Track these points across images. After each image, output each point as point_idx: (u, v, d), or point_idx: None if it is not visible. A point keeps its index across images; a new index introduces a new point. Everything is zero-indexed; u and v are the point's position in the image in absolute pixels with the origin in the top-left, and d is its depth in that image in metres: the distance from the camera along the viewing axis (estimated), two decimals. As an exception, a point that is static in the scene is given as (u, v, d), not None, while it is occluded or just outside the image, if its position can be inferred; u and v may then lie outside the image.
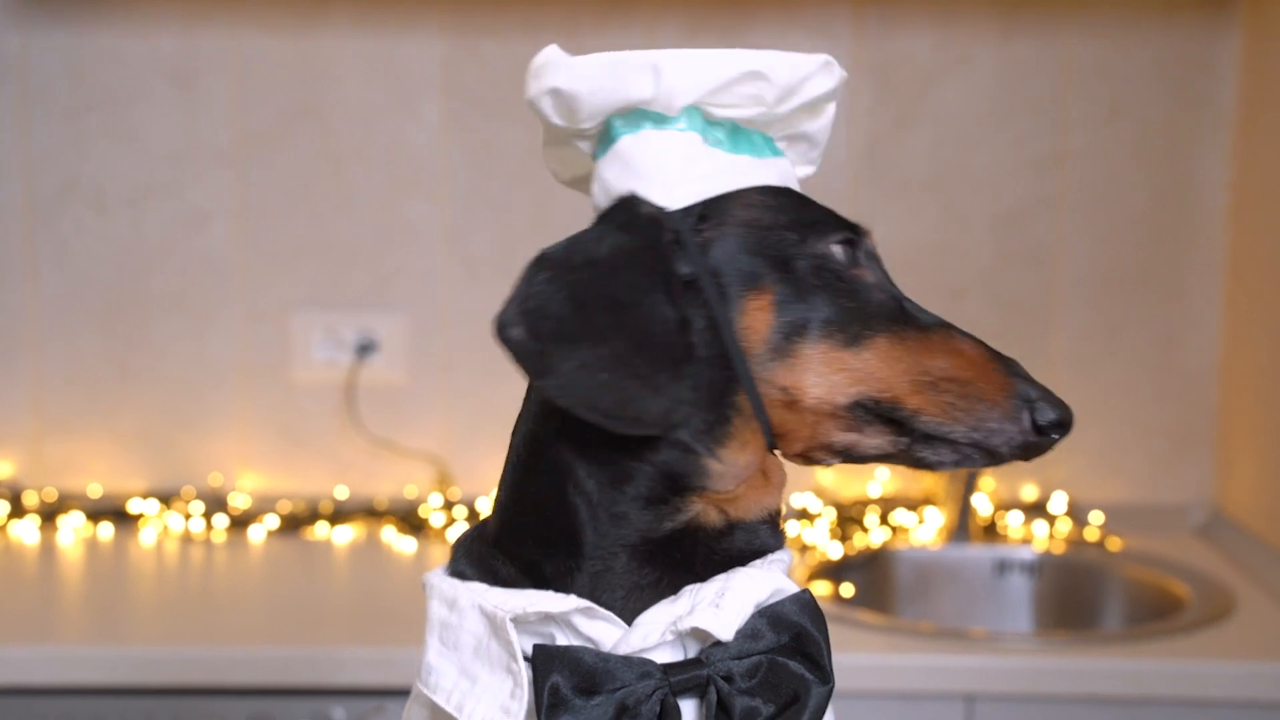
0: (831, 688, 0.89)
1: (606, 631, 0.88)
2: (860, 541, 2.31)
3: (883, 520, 2.36)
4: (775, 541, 0.94)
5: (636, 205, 0.90)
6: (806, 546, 2.27)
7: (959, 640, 1.90)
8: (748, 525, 0.92)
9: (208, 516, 2.37)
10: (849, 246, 0.92)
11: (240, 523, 2.37)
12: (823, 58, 0.95)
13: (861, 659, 1.83)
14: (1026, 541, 2.33)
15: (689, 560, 0.91)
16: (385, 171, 2.42)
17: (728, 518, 0.92)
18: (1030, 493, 2.44)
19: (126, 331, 2.44)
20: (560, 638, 0.88)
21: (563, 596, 0.88)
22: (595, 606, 0.88)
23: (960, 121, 2.40)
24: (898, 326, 0.90)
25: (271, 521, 2.37)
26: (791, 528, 2.31)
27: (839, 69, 0.96)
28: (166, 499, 2.41)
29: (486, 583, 0.92)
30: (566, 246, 0.89)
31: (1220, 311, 2.42)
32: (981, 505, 2.36)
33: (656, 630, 0.88)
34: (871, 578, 2.26)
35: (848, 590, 2.19)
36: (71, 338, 2.43)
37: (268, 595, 2.11)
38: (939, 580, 2.30)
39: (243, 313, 2.44)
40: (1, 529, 2.36)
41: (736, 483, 0.91)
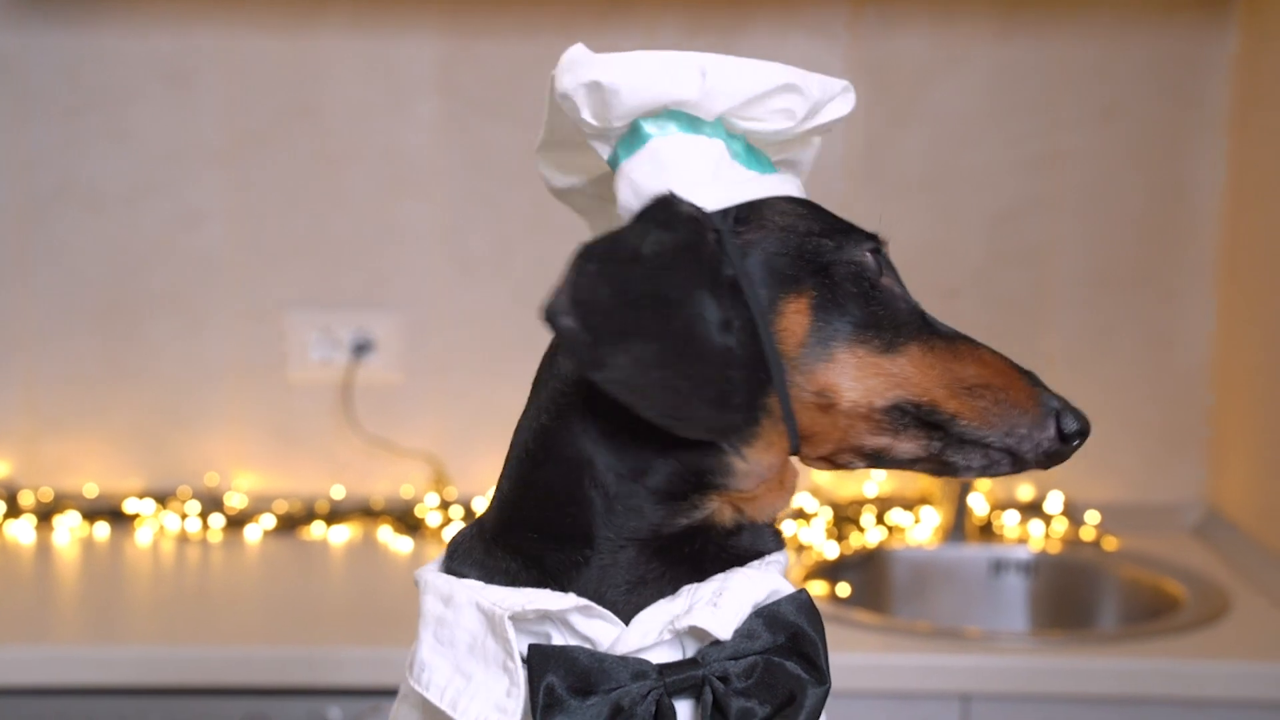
0: (828, 688, 0.89)
1: (604, 630, 0.88)
2: (856, 541, 2.31)
3: (879, 520, 2.37)
4: (775, 544, 0.95)
5: (676, 204, 0.90)
6: (803, 546, 2.27)
7: (955, 640, 1.90)
8: (756, 526, 0.93)
9: (204, 516, 2.37)
10: (876, 255, 0.94)
11: (236, 522, 2.36)
12: (844, 82, 0.97)
13: (857, 658, 1.84)
14: (1022, 541, 2.33)
15: (697, 557, 0.91)
16: (381, 171, 2.42)
17: (741, 517, 0.92)
18: (1026, 493, 2.45)
19: (122, 331, 2.43)
20: (556, 636, 0.88)
21: (561, 595, 0.89)
22: (593, 605, 0.88)
23: (955, 121, 2.40)
24: (925, 335, 0.92)
25: (267, 521, 2.37)
26: (788, 527, 2.31)
27: (853, 96, 0.98)
28: (162, 499, 2.41)
29: (484, 580, 0.92)
30: (610, 241, 0.88)
31: (1214, 311, 2.42)
32: (977, 505, 2.37)
33: (654, 629, 0.88)
34: (868, 577, 2.27)
35: (844, 590, 2.19)
36: (67, 337, 2.43)
37: (264, 595, 2.11)
38: (935, 580, 2.30)
39: (238, 312, 2.43)
40: (-3, 529, 2.36)
41: (758, 483, 0.92)
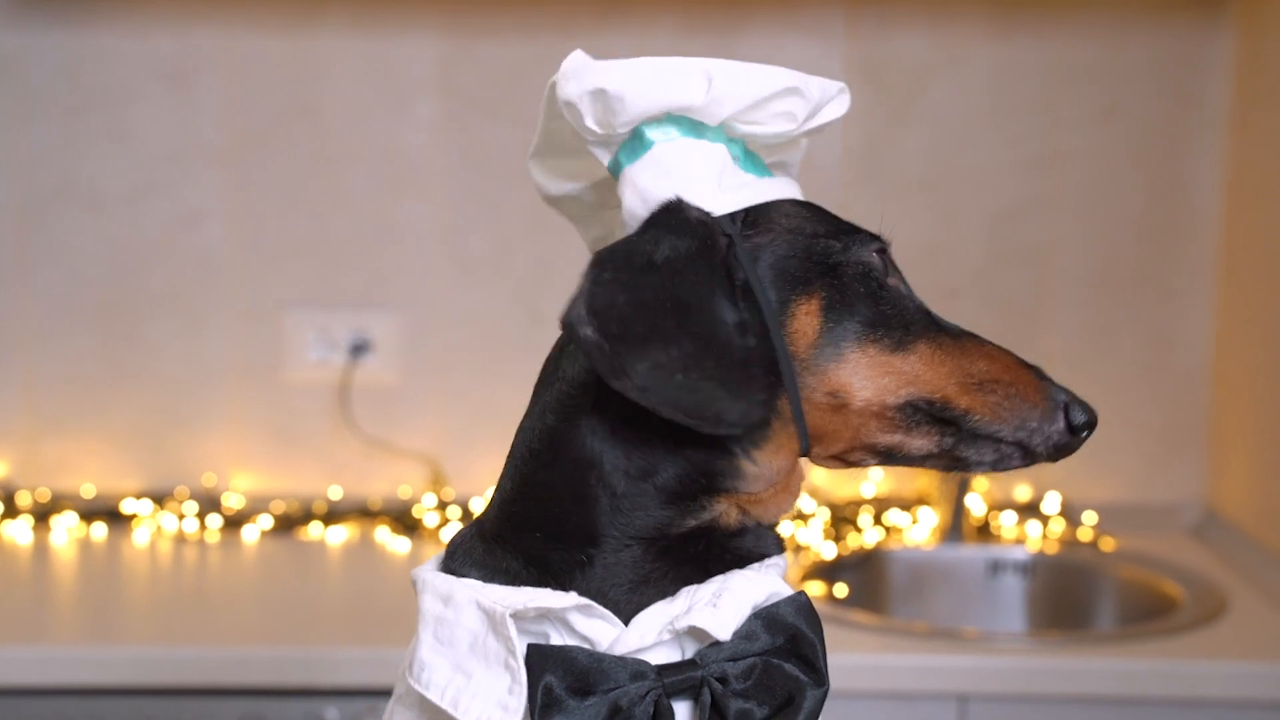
0: (826, 690, 0.89)
1: (603, 630, 0.88)
2: (854, 542, 2.31)
3: (876, 520, 2.37)
4: (776, 548, 0.95)
5: (685, 209, 0.91)
6: (801, 547, 2.27)
7: (952, 640, 1.90)
8: (759, 528, 0.94)
9: (201, 517, 2.36)
10: (882, 256, 0.95)
11: (234, 523, 2.36)
12: (840, 84, 0.97)
13: (855, 659, 1.84)
14: (1020, 542, 2.33)
15: (701, 558, 0.91)
16: (381, 171, 2.41)
17: (746, 519, 0.93)
18: (1024, 493, 2.45)
19: (121, 331, 2.43)
20: (555, 636, 0.88)
21: (561, 594, 0.89)
22: (594, 605, 0.88)
23: (954, 121, 2.40)
24: (933, 332, 0.93)
25: (265, 522, 2.37)
26: (785, 528, 2.31)
27: (849, 97, 0.98)
28: (160, 499, 2.41)
29: (483, 579, 0.92)
30: (624, 249, 0.89)
31: (1213, 311, 2.42)
32: (975, 505, 2.37)
33: (653, 630, 0.88)
34: (865, 578, 2.27)
35: (841, 590, 2.19)
36: (66, 337, 2.43)
37: (261, 595, 2.11)
38: (933, 580, 2.30)
39: (237, 312, 2.43)
40: (-5, 529, 2.36)
41: (766, 485, 0.92)
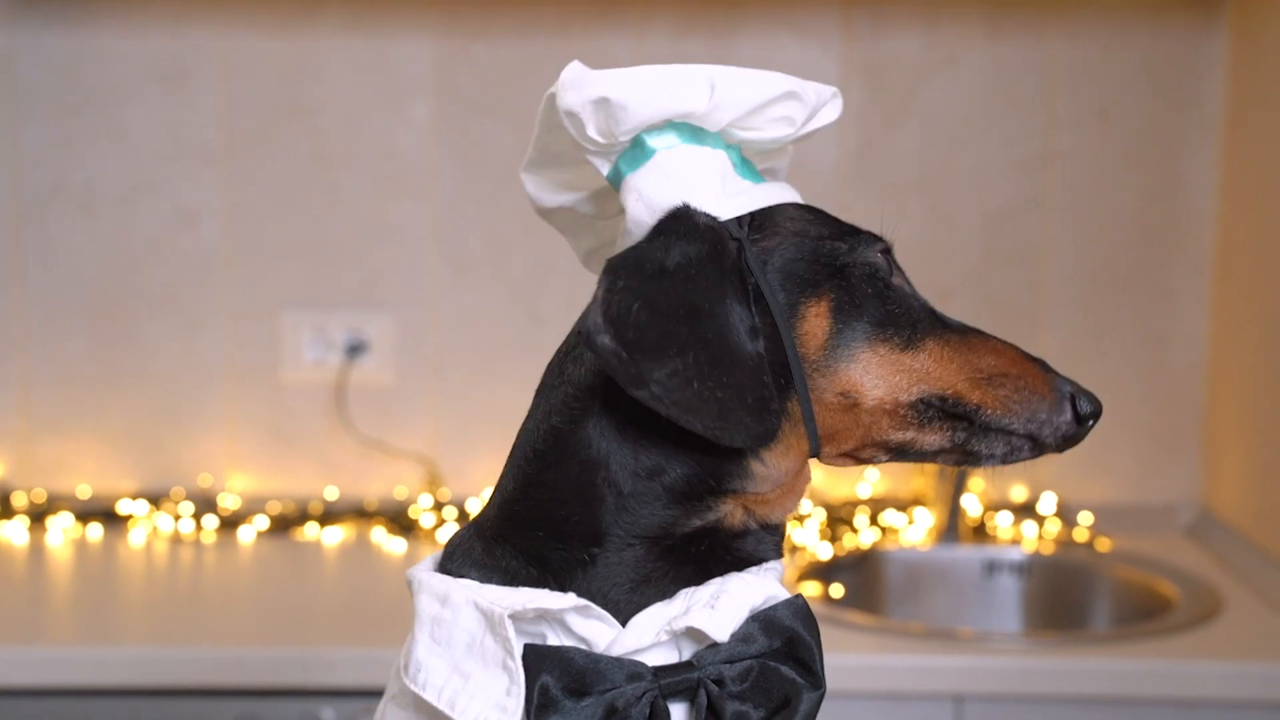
0: (823, 693, 0.90)
1: (600, 631, 0.88)
2: (850, 542, 2.31)
3: (872, 521, 2.37)
4: (774, 552, 0.95)
5: (693, 215, 0.91)
6: (796, 547, 2.27)
7: (948, 641, 1.90)
8: (761, 531, 0.94)
9: (197, 517, 2.36)
10: (886, 256, 0.95)
11: (230, 523, 2.36)
12: (833, 88, 0.98)
13: (851, 659, 1.84)
14: (1015, 542, 2.33)
15: (703, 558, 0.92)
16: (377, 172, 2.41)
17: (751, 520, 0.93)
18: (1019, 493, 2.45)
19: (115, 332, 2.43)
20: (551, 637, 0.88)
21: (559, 594, 0.89)
22: (591, 605, 0.88)
23: (948, 122, 2.41)
24: (939, 330, 0.94)
25: (261, 522, 2.36)
26: (781, 528, 2.31)
27: (841, 101, 0.99)
28: (156, 500, 2.41)
29: (481, 579, 0.92)
30: (634, 256, 0.89)
31: (1208, 312, 2.42)
32: (971, 506, 2.37)
33: (650, 631, 0.88)
34: (861, 578, 2.27)
35: (837, 591, 2.19)
36: (60, 338, 2.43)
37: (257, 596, 2.11)
38: (928, 581, 2.30)
39: (232, 313, 2.43)
40: (-10, 530, 2.36)
41: (774, 486, 0.92)
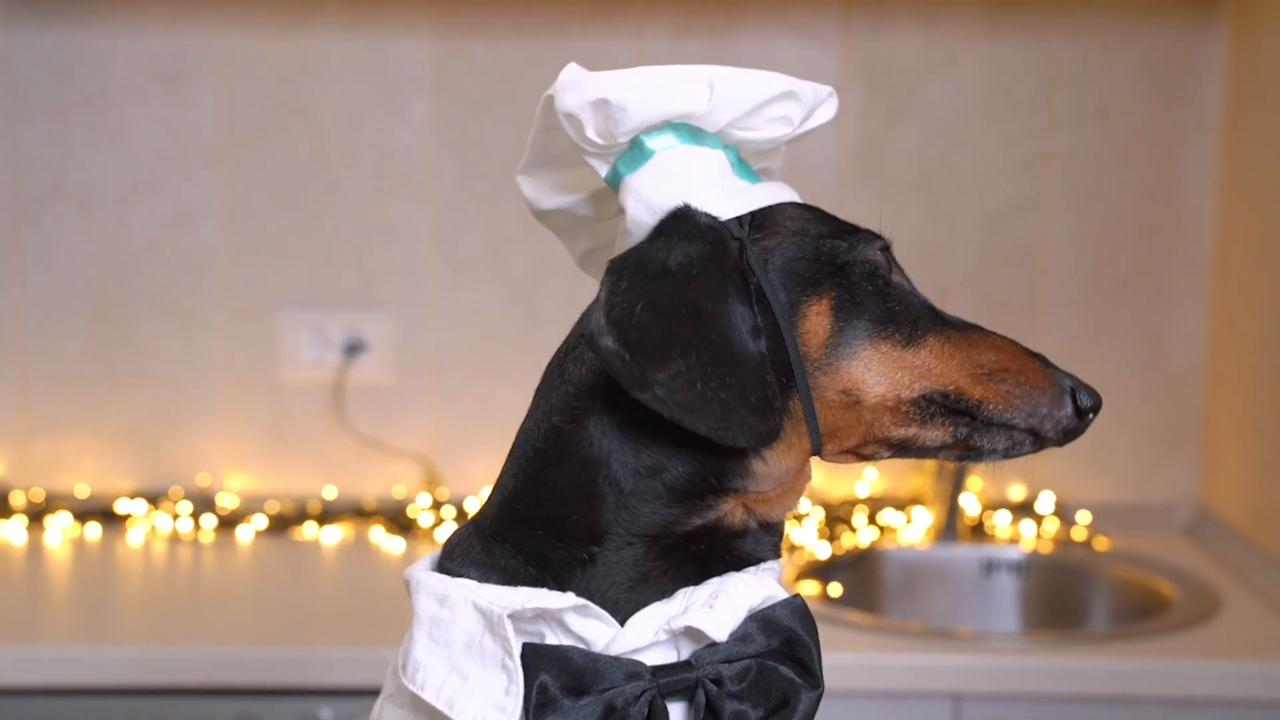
0: (821, 693, 0.90)
1: (598, 630, 0.88)
2: (848, 541, 2.31)
3: (871, 520, 2.37)
4: (773, 553, 0.95)
5: (694, 215, 0.91)
6: (795, 546, 2.27)
7: (946, 640, 1.91)
8: (760, 530, 0.94)
9: (195, 517, 2.36)
10: (886, 254, 0.96)
11: (228, 523, 2.36)
12: (829, 88, 0.98)
13: (849, 659, 1.84)
14: (1014, 541, 2.33)
15: (702, 557, 0.92)
16: (373, 171, 2.41)
17: (751, 518, 0.93)
18: (1017, 492, 2.45)
19: (113, 331, 2.43)
20: (550, 636, 0.88)
21: (558, 594, 0.89)
22: (590, 605, 0.88)
23: (947, 122, 2.41)
24: (939, 326, 0.95)
25: (259, 522, 2.36)
26: (779, 527, 2.31)
27: (837, 101, 0.99)
28: (154, 499, 2.40)
29: (479, 579, 0.92)
30: (636, 256, 0.89)
31: (1206, 311, 2.43)
32: (969, 505, 2.37)
33: (649, 630, 0.88)
34: (859, 577, 2.27)
35: (836, 590, 2.19)
36: (58, 337, 2.43)
37: (256, 595, 2.11)
38: (927, 580, 2.30)
39: (230, 312, 2.43)
40: (-12, 529, 2.36)
41: (775, 484, 0.92)
